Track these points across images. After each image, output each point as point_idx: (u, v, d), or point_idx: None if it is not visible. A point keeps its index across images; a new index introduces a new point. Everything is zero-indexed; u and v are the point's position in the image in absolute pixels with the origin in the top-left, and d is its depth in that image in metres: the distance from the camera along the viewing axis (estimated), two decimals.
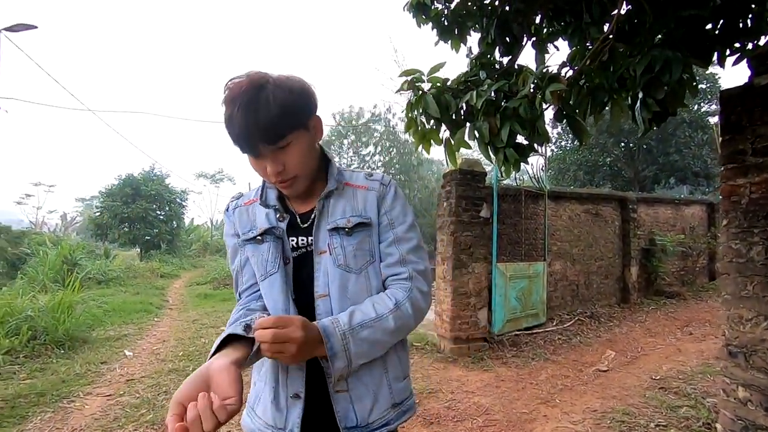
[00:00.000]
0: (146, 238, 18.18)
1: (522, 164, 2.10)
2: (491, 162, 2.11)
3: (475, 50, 2.45)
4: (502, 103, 1.77)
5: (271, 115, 0.78)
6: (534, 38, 2.20)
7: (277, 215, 0.95)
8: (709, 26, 1.77)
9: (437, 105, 1.92)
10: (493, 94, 1.86)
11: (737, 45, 1.79)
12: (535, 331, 5.14)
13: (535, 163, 5.73)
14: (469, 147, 2.07)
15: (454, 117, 2.03)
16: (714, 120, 14.84)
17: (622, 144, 16.14)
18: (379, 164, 26.53)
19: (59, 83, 7.58)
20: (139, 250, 18.84)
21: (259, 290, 0.95)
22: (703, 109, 14.90)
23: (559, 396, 3.42)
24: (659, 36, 1.80)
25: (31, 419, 3.05)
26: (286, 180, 0.87)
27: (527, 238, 5.35)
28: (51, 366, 4.19)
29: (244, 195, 1.04)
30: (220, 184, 34.24)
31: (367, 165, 26.74)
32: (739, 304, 1.77)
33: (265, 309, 0.92)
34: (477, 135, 1.89)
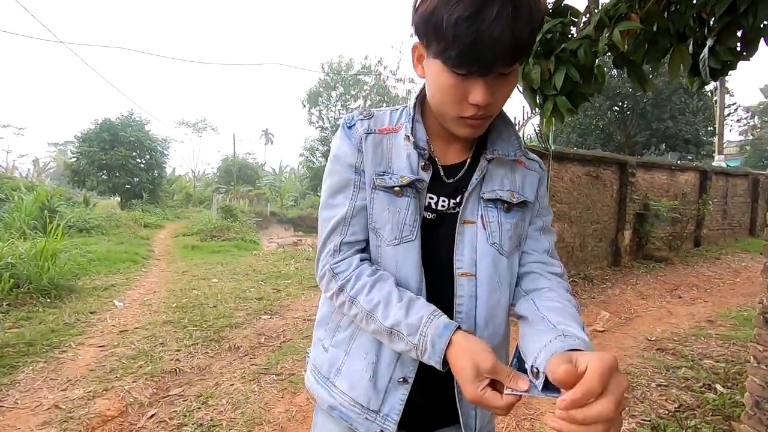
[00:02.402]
0: (126, 186, 17.64)
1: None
2: (535, 110, 1.93)
3: None
4: (560, 45, 1.57)
5: (530, 27, 0.58)
6: None
7: (421, 163, 0.74)
8: None
9: None
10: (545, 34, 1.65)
11: None
12: None
13: (539, 123, 5.55)
14: None
15: None
16: (710, 87, 14.73)
17: (616, 108, 15.96)
18: None
19: (27, 10, 6.87)
20: (119, 198, 18.30)
21: (364, 248, 0.76)
22: None
23: None
24: None
25: (23, 369, 2.92)
26: (483, 117, 0.67)
27: None
28: (38, 315, 4.03)
29: (376, 116, 0.78)
30: (202, 133, 33.04)
31: None
32: None
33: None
34: (524, 80, 1.70)
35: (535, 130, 5.30)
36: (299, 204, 29.14)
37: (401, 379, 0.74)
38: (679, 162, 9.03)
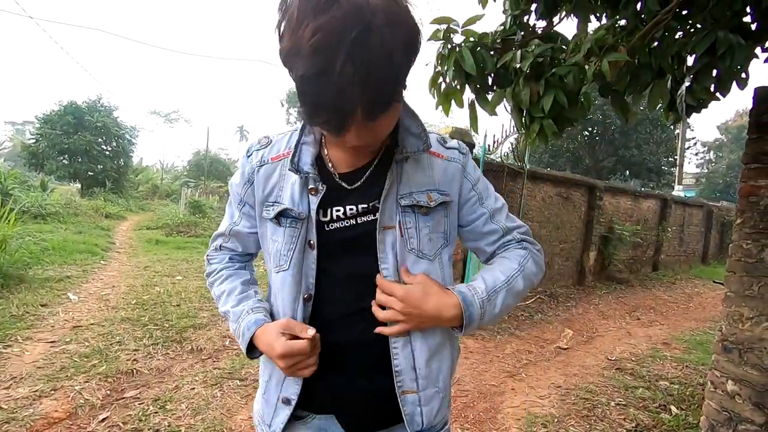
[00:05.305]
0: (89, 173, 16.85)
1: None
2: (521, 131, 1.97)
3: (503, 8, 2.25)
4: (550, 69, 1.62)
5: (386, 76, 0.52)
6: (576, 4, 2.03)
7: (310, 186, 0.73)
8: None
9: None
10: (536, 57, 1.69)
11: None
12: None
13: (515, 141, 5.69)
14: (495, 114, 1.92)
15: (486, 77, 1.85)
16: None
17: (586, 132, 16.65)
18: None
19: None
20: (80, 185, 17.44)
21: (239, 254, 0.91)
22: None
23: (524, 370, 3.52)
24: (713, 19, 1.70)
25: None
26: (369, 151, 0.72)
27: None
28: None
29: (274, 142, 0.79)
30: (174, 124, 32.03)
31: None
32: (741, 303, 1.80)
33: (252, 283, 0.89)
34: (513, 100, 1.73)
35: (510, 148, 5.42)
36: None
37: (284, 400, 0.78)
38: (642, 189, 9.47)
